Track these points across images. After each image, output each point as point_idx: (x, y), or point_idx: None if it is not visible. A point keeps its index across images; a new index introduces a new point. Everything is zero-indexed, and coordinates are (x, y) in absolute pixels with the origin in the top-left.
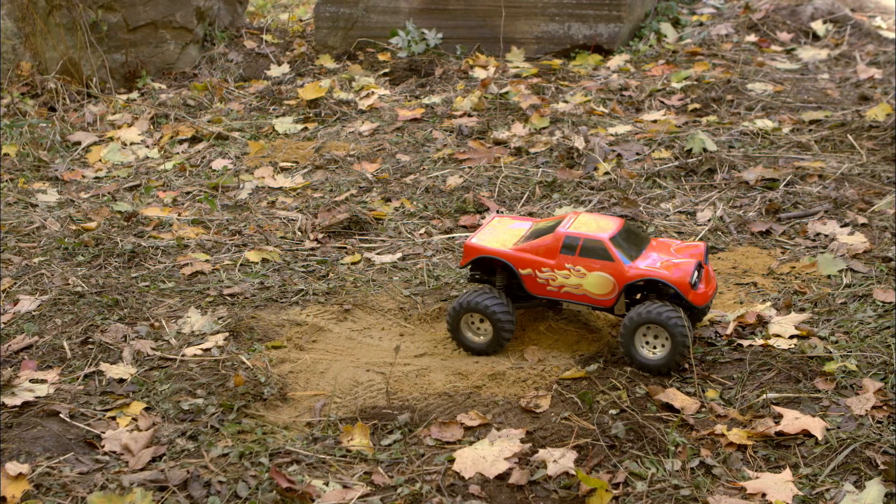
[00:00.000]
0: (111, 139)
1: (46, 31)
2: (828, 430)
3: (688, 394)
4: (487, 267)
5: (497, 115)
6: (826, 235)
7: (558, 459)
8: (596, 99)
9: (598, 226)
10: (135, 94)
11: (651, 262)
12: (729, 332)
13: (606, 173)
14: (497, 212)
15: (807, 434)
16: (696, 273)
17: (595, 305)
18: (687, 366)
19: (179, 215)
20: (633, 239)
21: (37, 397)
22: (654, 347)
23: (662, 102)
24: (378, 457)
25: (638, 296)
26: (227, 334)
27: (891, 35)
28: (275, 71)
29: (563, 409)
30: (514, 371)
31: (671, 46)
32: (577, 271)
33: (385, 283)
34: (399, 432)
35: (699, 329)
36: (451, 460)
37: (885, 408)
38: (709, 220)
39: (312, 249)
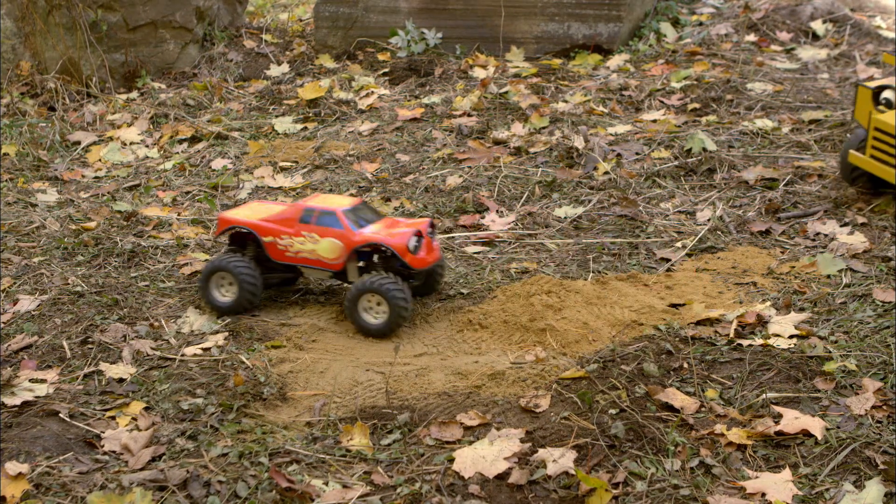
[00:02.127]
0: (111, 139)
1: (46, 31)
2: (827, 429)
3: (687, 393)
4: (241, 240)
5: (497, 114)
6: (826, 235)
7: (558, 459)
8: (595, 99)
9: (335, 202)
10: (134, 94)
11: (375, 231)
12: (729, 331)
13: (606, 173)
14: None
15: (806, 434)
16: (414, 240)
17: (327, 269)
18: (686, 365)
19: (179, 215)
20: (365, 214)
21: (36, 397)
22: (377, 314)
23: (662, 102)
24: (378, 456)
25: (362, 263)
26: (226, 334)
27: (890, 35)
28: (274, 70)
29: (562, 409)
30: (513, 371)
31: (671, 46)
32: (312, 238)
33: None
34: (399, 432)
35: (699, 330)
36: (451, 460)
37: (884, 407)
38: (708, 220)
39: None
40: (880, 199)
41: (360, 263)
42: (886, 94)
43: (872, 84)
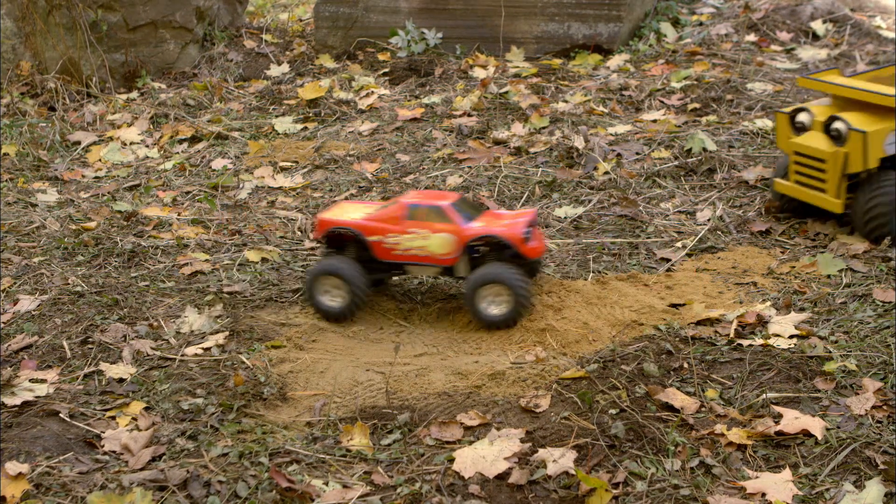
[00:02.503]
0: (111, 139)
1: (46, 31)
2: (827, 429)
3: (688, 393)
4: (338, 241)
5: (497, 114)
6: (826, 235)
7: (558, 459)
8: (596, 98)
9: (438, 196)
10: (134, 94)
11: (486, 224)
12: (729, 331)
13: (606, 173)
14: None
15: (806, 434)
16: (527, 230)
17: (438, 265)
18: (687, 365)
19: (179, 215)
20: (468, 208)
21: (36, 397)
22: (499, 305)
23: (662, 102)
24: (378, 456)
25: (475, 255)
26: (226, 334)
27: (890, 35)
28: (274, 70)
29: (562, 409)
30: (513, 371)
31: (671, 46)
32: (422, 234)
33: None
34: (399, 432)
35: (699, 330)
36: (451, 460)
37: (884, 407)
38: (708, 220)
39: (312, 249)
40: None
41: (474, 255)
42: (801, 117)
43: (788, 110)
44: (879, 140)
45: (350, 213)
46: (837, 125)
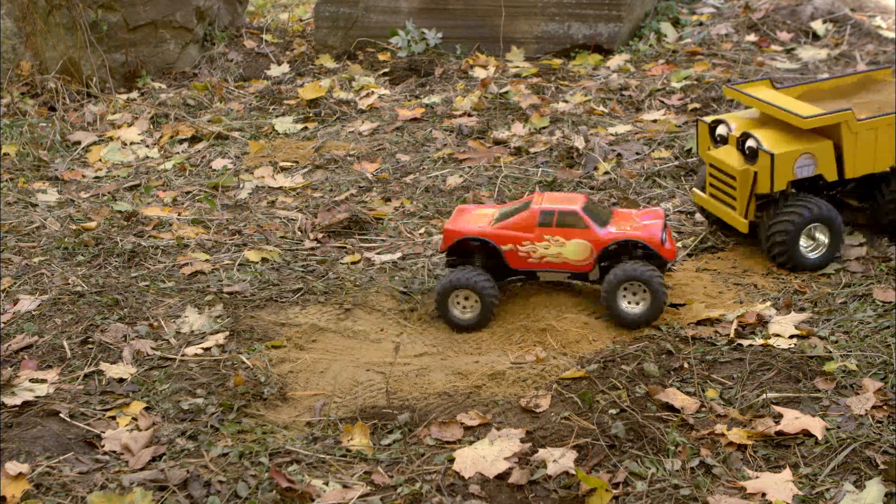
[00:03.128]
0: (111, 139)
1: (46, 31)
2: (828, 429)
3: (688, 393)
4: (463, 251)
5: (497, 114)
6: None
7: (558, 459)
8: (596, 98)
9: (567, 199)
10: (135, 94)
11: (621, 228)
12: (729, 331)
13: (606, 173)
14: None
15: (807, 434)
16: (662, 232)
17: (574, 272)
18: (687, 365)
19: (179, 215)
20: (597, 210)
21: (37, 397)
22: (637, 303)
23: (662, 102)
24: (378, 456)
25: (605, 263)
26: (227, 334)
27: (890, 35)
28: (275, 70)
29: (562, 409)
30: (513, 371)
31: (671, 46)
32: (557, 241)
33: (385, 282)
34: (399, 432)
35: (699, 330)
36: (451, 460)
37: (885, 407)
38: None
39: (312, 249)
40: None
41: (606, 264)
42: (720, 129)
43: (709, 119)
44: (789, 162)
45: (473, 220)
46: (750, 143)
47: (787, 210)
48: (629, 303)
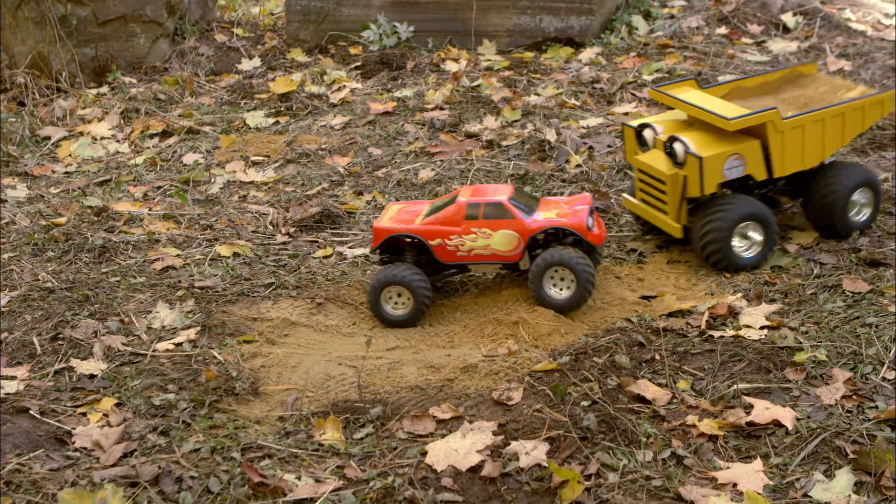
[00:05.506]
0: (81, 134)
1: (15, 26)
2: (798, 419)
3: (659, 385)
4: (395, 248)
5: (469, 108)
6: (789, 227)
7: (530, 451)
8: (567, 91)
9: (494, 190)
10: (105, 89)
11: (548, 216)
12: (700, 323)
13: (578, 166)
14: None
15: (777, 424)
16: (590, 218)
17: (504, 262)
18: (658, 357)
19: (150, 210)
20: (525, 199)
21: (6, 394)
22: (561, 289)
23: (634, 95)
24: (350, 450)
25: (537, 251)
26: (198, 329)
27: (860, 27)
28: (246, 65)
29: (535, 402)
30: (485, 364)
31: (642, 39)
32: (484, 233)
33: (357, 276)
34: (371, 426)
35: (670, 321)
36: (424, 453)
37: (854, 397)
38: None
39: (284, 244)
40: None
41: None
42: (646, 133)
43: (635, 122)
44: (718, 165)
45: (403, 217)
46: (676, 146)
47: (717, 210)
48: (556, 288)
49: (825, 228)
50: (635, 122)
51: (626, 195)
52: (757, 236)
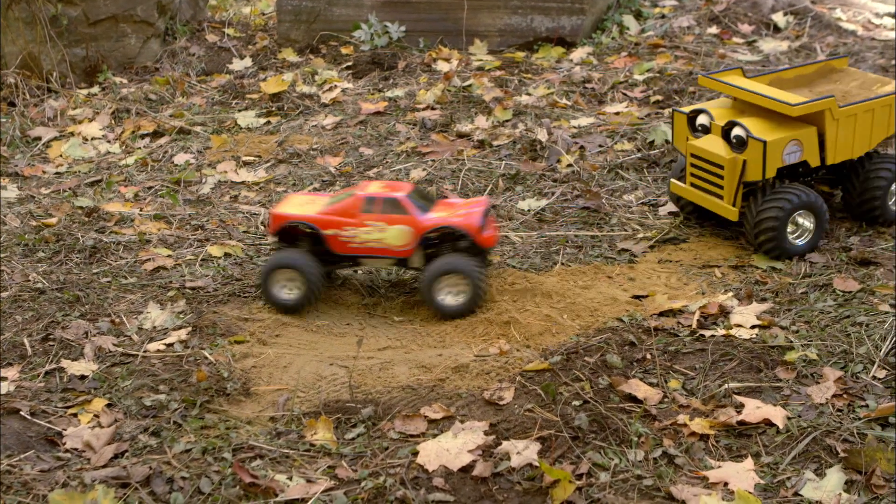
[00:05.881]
0: (72, 134)
1: (6, 26)
2: (789, 418)
3: (651, 384)
4: (293, 237)
5: (460, 107)
6: None
7: (522, 451)
8: (559, 91)
9: (393, 187)
10: (96, 89)
11: (442, 215)
12: (691, 322)
13: (569, 165)
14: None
15: (768, 423)
16: (483, 220)
17: (396, 257)
18: (649, 356)
19: (141, 210)
20: (422, 199)
21: None
22: (455, 295)
23: (625, 94)
24: (342, 450)
25: (431, 250)
26: (189, 329)
27: (850, 27)
28: (237, 65)
29: (526, 401)
30: (477, 364)
31: (633, 39)
32: (378, 227)
33: (348, 276)
34: (363, 426)
35: (662, 321)
36: (415, 453)
37: (845, 396)
38: (672, 212)
39: (275, 244)
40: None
41: (429, 246)
42: (701, 119)
43: (687, 109)
44: (779, 149)
45: (303, 206)
46: (737, 131)
47: (775, 197)
48: (450, 294)
49: (865, 216)
50: (687, 109)
51: (673, 180)
52: (808, 224)
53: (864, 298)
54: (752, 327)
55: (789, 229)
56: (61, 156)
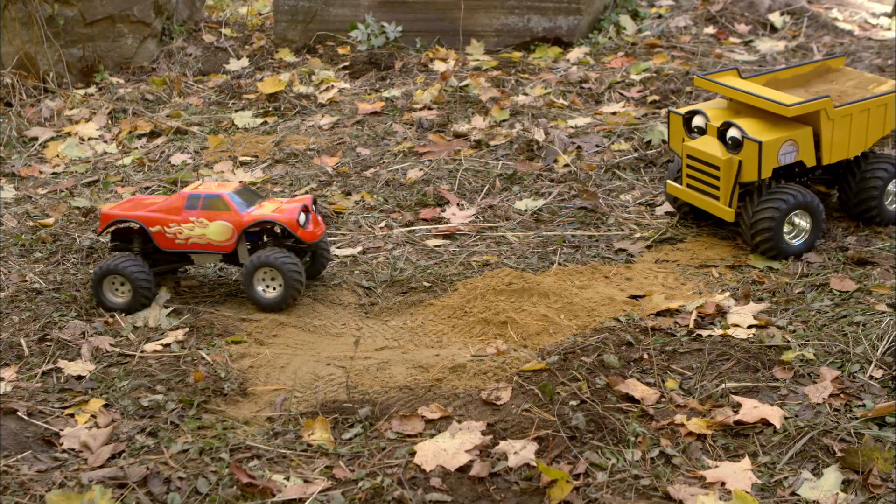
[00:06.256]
0: (69, 134)
1: (2, 26)
2: (786, 418)
3: (648, 384)
4: (125, 235)
5: (457, 107)
6: None
7: (519, 451)
8: (556, 91)
9: (219, 185)
10: (92, 89)
11: (263, 210)
12: (688, 322)
13: (566, 165)
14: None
15: (765, 423)
16: (302, 215)
17: (218, 252)
18: (647, 356)
19: None
20: (249, 197)
21: None
22: (271, 289)
23: (622, 94)
24: (339, 451)
25: (260, 243)
26: (186, 329)
27: (846, 27)
28: (234, 65)
29: (523, 401)
30: (474, 363)
31: (630, 38)
32: (201, 222)
33: (345, 276)
34: (360, 426)
35: (659, 321)
36: (412, 453)
37: (842, 396)
38: (668, 212)
39: None
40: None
41: (249, 245)
42: (697, 120)
43: (683, 110)
44: (775, 150)
45: (137, 205)
46: (733, 132)
47: (771, 198)
48: (266, 288)
49: (862, 216)
50: (682, 110)
51: (670, 181)
52: (805, 224)
53: (861, 298)
54: (749, 327)
55: (786, 229)
56: (58, 156)
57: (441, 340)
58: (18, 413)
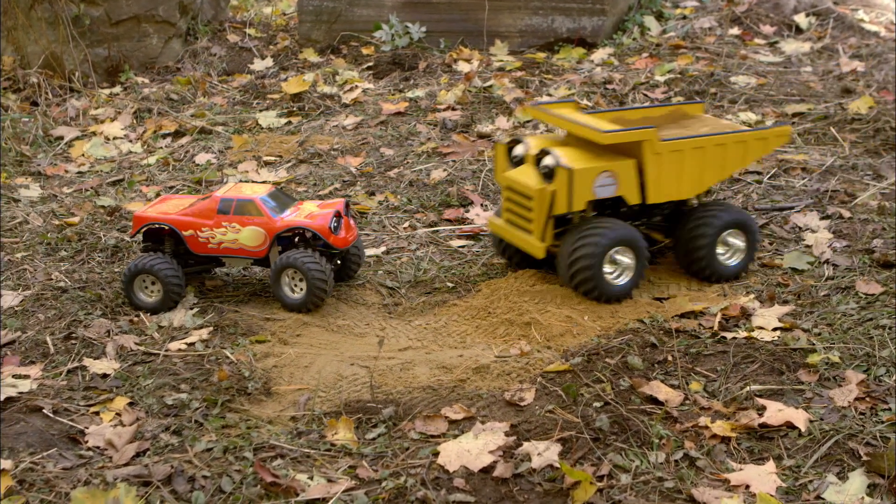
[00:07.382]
0: (94, 134)
1: (28, 26)
2: (811, 421)
3: (672, 386)
4: (157, 236)
5: (481, 108)
6: (801, 228)
7: (542, 452)
8: (580, 92)
9: (251, 190)
10: (117, 89)
11: (295, 216)
12: (713, 324)
13: None
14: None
15: (790, 426)
16: (334, 220)
17: (251, 257)
18: (671, 358)
19: None
20: (281, 200)
21: (20, 393)
22: (295, 290)
23: (646, 95)
24: (362, 450)
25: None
26: (210, 329)
27: (873, 28)
28: (258, 65)
29: (547, 402)
30: (498, 364)
31: (655, 40)
32: (233, 228)
33: (369, 276)
34: (383, 426)
35: (683, 323)
36: (436, 454)
37: (867, 399)
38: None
39: None
40: (864, 192)
41: (280, 249)
42: (518, 149)
43: (507, 139)
44: (588, 179)
45: (168, 207)
46: (547, 160)
47: (588, 234)
48: (293, 288)
49: (691, 270)
50: (506, 139)
51: (491, 217)
52: (627, 260)
53: (887, 301)
54: (774, 329)
55: (607, 269)
56: (83, 155)
57: (465, 341)
58: (44, 410)
